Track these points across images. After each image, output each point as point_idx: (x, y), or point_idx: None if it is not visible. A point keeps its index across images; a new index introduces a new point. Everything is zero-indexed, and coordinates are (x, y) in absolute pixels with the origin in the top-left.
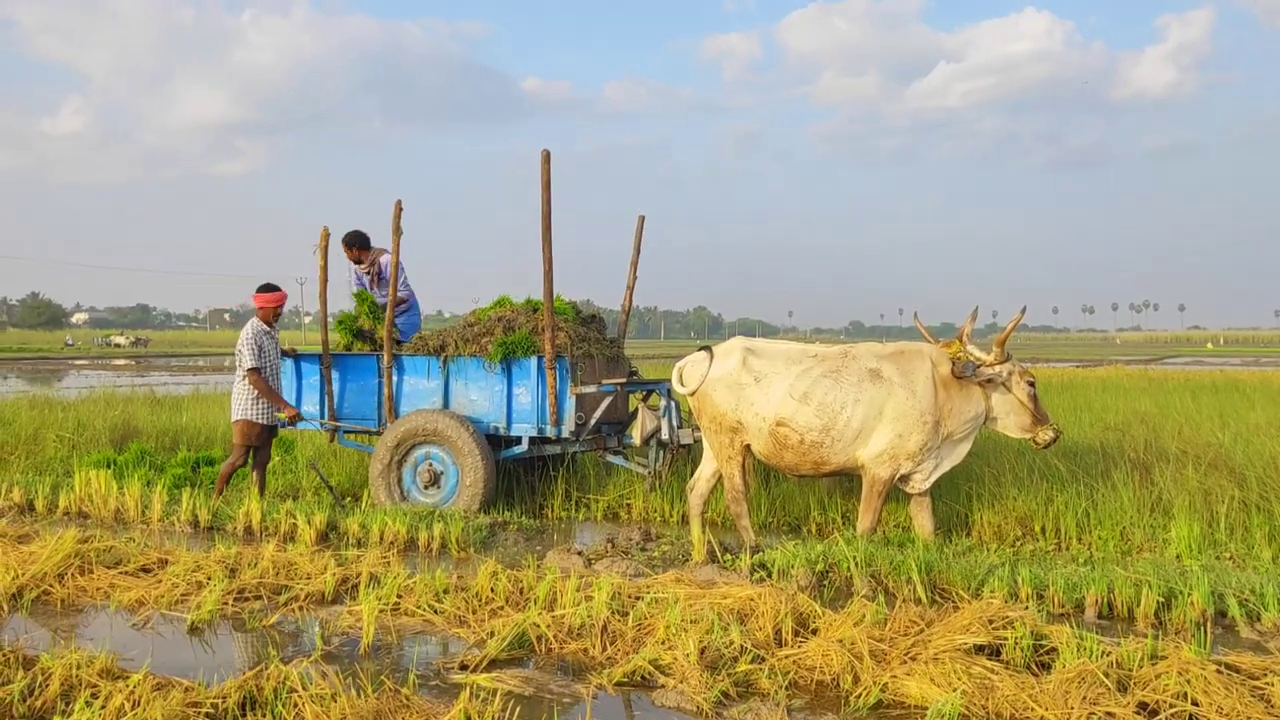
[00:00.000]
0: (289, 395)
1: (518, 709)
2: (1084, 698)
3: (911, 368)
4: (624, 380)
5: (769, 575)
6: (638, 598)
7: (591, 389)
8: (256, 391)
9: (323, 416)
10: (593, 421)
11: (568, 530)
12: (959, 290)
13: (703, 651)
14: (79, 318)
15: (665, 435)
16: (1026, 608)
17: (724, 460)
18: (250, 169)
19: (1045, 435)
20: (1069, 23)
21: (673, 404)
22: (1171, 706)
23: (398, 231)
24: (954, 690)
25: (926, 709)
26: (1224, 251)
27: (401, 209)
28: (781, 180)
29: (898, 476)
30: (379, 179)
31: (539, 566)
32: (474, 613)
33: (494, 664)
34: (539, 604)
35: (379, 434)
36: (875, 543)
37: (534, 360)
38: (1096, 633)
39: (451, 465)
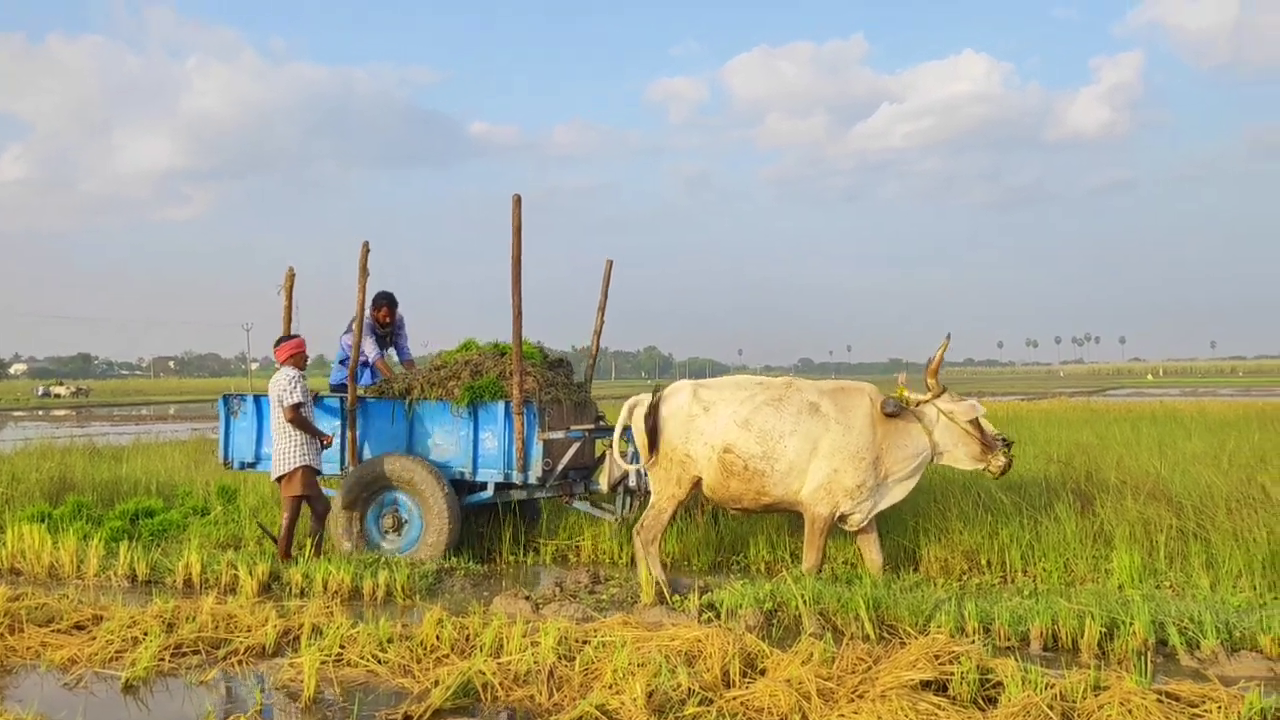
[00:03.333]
0: (250, 438)
1: None
2: None
3: (850, 404)
4: (592, 427)
5: (717, 615)
6: (585, 642)
7: (559, 435)
8: (304, 434)
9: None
10: (560, 467)
11: (516, 575)
12: (906, 327)
13: (650, 695)
14: (18, 368)
15: (633, 481)
16: (973, 642)
17: (665, 496)
18: (197, 215)
19: (997, 462)
20: (1007, 64)
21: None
22: None
23: (364, 273)
24: None
25: None
26: (1161, 285)
27: (368, 250)
28: (730, 220)
29: (837, 514)
30: (330, 224)
31: (485, 612)
32: (419, 661)
33: (438, 714)
34: (485, 651)
35: (341, 478)
36: (823, 580)
37: (501, 405)
38: (1042, 665)
39: (416, 511)
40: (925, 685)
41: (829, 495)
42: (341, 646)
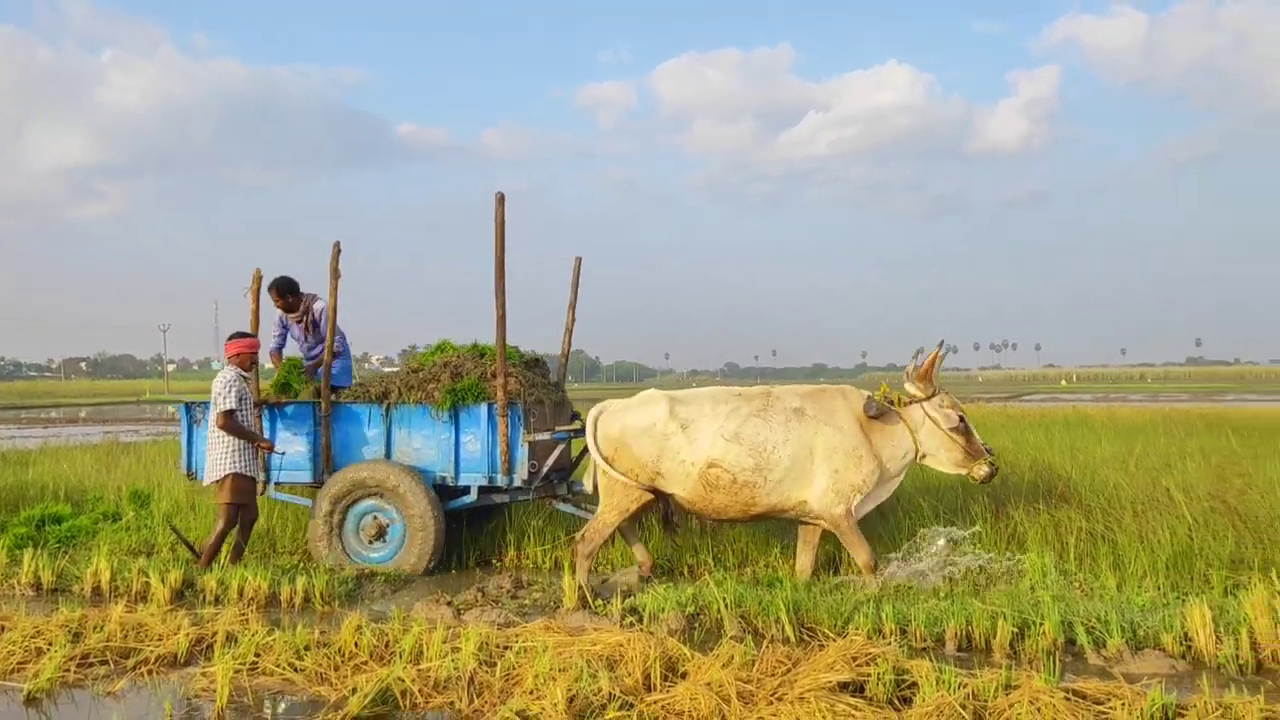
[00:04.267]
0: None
1: None
2: None
3: (831, 406)
4: (578, 427)
5: (640, 620)
6: (507, 647)
7: (545, 436)
8: (238, 441)
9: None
10: (545, 469)
11: (438, 580)
12: (830, 333)
13: (571, 700)
14: None
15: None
16: (890, 643)
17: (614, 509)
18: (113, 212)
19: (981, 470)
20: (929, 75)
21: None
22: None
23: (335, 274)
24: None
25: None
26: (1074, 294)
27: (339, 251)
28: (658, 225)
29: (854, 510)
30: (253, 224)
31: (405, 619)
32: (336, 669)
33: None
34: (404, 658)
35: (314, 486)
36: (744, 583)
37: (484, 407)
38: (956, 665)
39: (398, 518)
40: (843, 687)
41: (839, 495)
42: (257, 655)
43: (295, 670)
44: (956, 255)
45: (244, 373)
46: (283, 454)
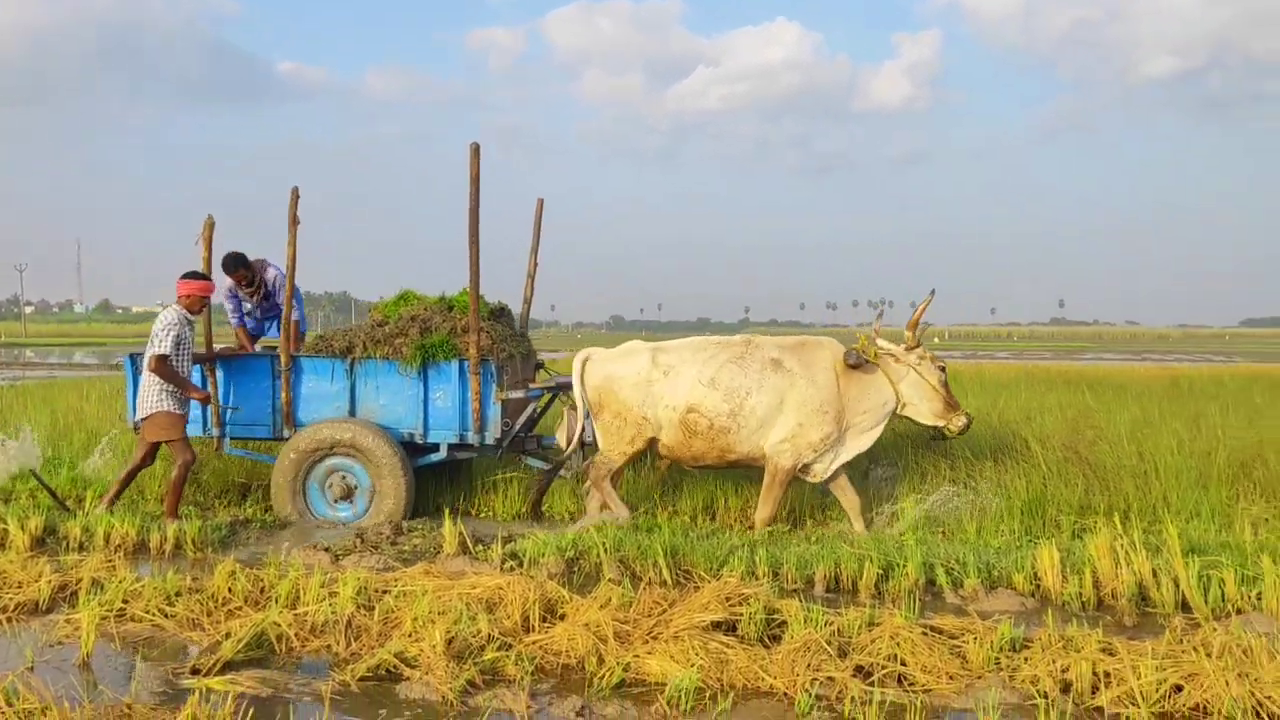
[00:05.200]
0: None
1: (252, 711)
2: (808, 664)
3: (812, 359)
4: (555, 385)
5: (520, 564)
6: (385, 591)
7: (519, 394)
8: (176, 386)
9: (205, 422)
10: (518, 426)
11: (316, 526)
12: (715, 286)
13: (450, 642)
14: None
15: (590, 435)
16: (762, 585)
17: (617, 449)
18: None
19: (958, 421)
20: (817, 34)
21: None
22: (883, 667)
23: (295, 221)
24: (692, 665)
25: (666, 685)
26: (949, 253)
27: (298, 197)
28: (544, 176)
29: (799, 466)
30: (116, 160)
31: (282, 564)
32: (209, 615)
33: (230, 666)
34: (280, 602)
35: (274, 441)
36: (623, 528)
37: (455, 364)
38: (824, 605)
39: (366, 477)
40: (716, 626)
41: (793, 449)
42: (125, 601)
43: (165, 616)
44: (839, 213)
45: (190, 316)
46: (236, 409)
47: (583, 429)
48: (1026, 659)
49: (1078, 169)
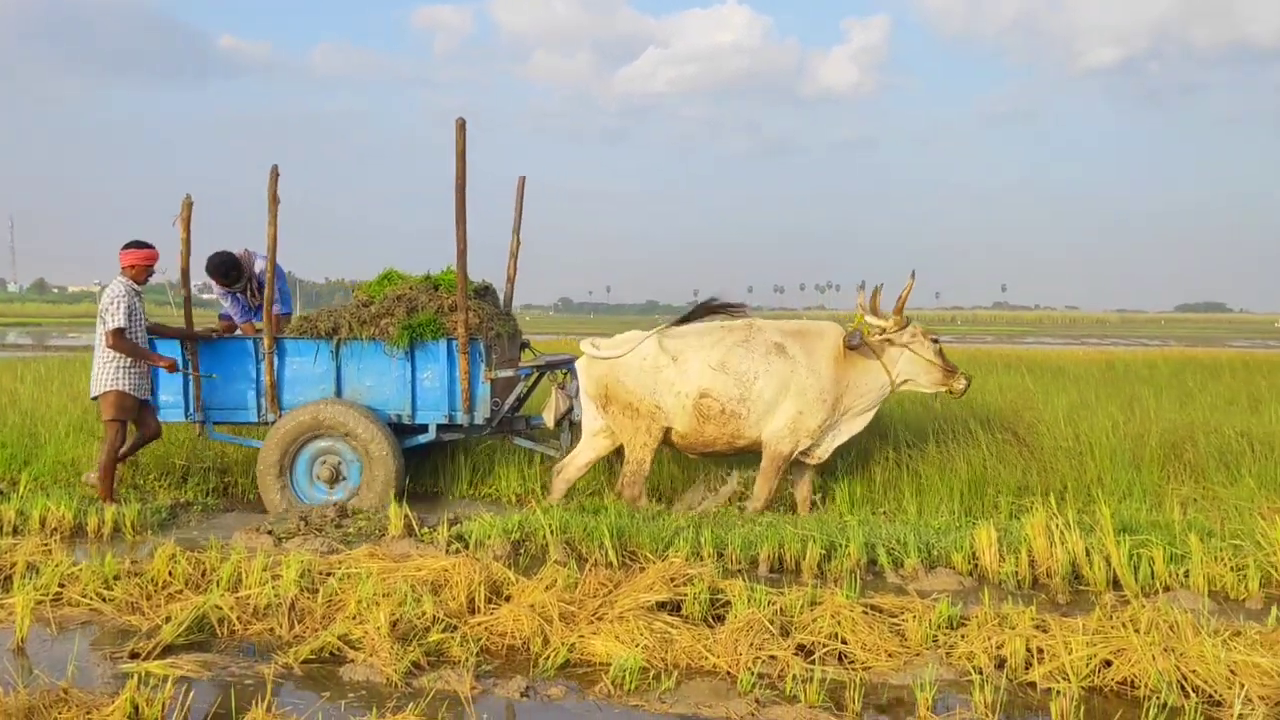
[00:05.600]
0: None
1: (192, 694)
2: (751, 643)
3: (813, 346)
4: (543, 364)
5: (466, 546)
6: (329, 574)
7: (509, 373)
8: (125, 359)
9: (187, 407)
10: (507, 406)
11: (259, 509)
12: (664, 269)
13: (395, 624)
14: None
15: (578, 415)
16: (707, 565)
17: (639, 446)
18: None
19: (959, 384)
20: (767, 18)
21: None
22: (825, 645)
23: (275, 200)
24: (636, 646)
25: (610, 665)
26: (895, 237)
27: (278, 175)
28: (492, 156)
29: (797, 451)
30: (49, 135)
31: (224, 547)
32: (149, 598)
33: (170, 650)
34: (222, 585)
35: (258, 425)
36: (569, 510)
37: (444, 344)
38: (767, 584)
39: (354, 459)
40: (661, 606)
41: (792, 434)
42: (61, 585)
43: (104, 600)
44: (788, 196)
45: (136, 286)
46: (210, 376)
47: (570, 409)
48: (963, 636)
49: (1021, 156)
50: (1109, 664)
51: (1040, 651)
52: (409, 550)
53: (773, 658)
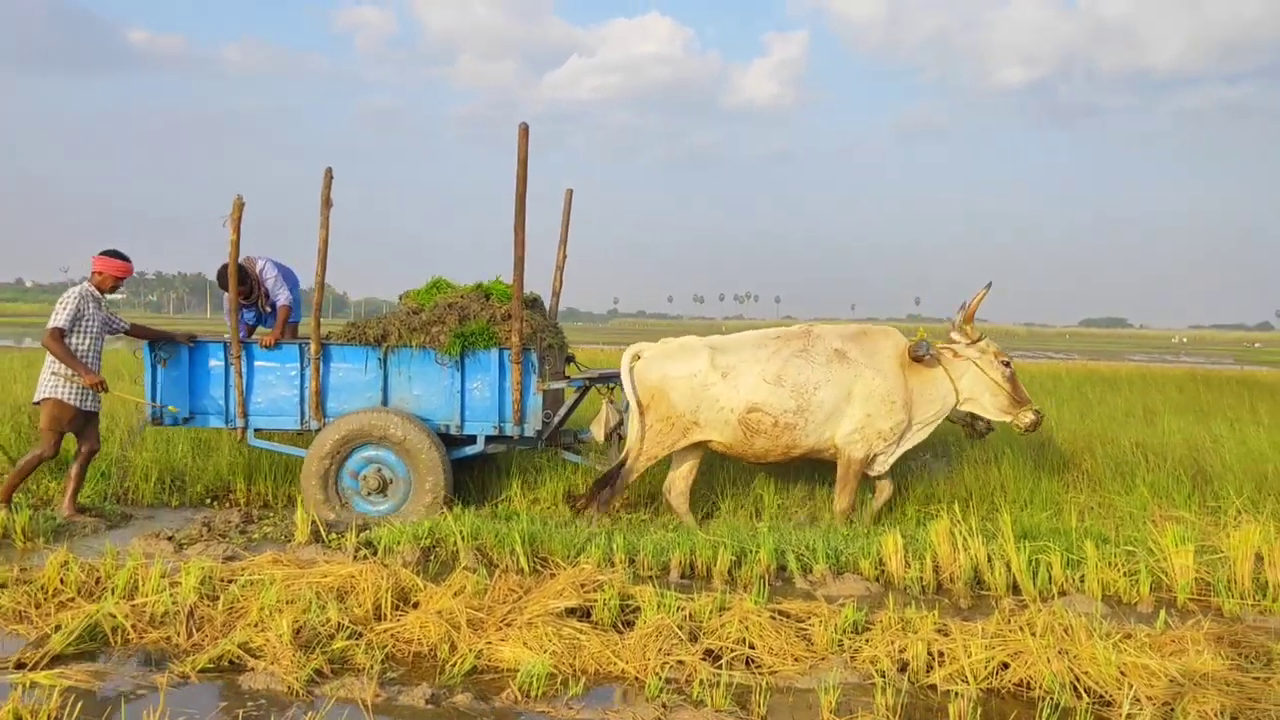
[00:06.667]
0: (181, 388)
1: (80, 704)
2: (660, 649)
3: (876, 348)
4: (596, 377)
5: (375, 553)
6: (231, 581)
7: (562, 384)
8: (67, 366)
9: (228, 413)
10: (558, 419)
11: (161, 516)
12: (586, 279)
13: (298, 631)
14: None
15: (626, 430)
16: (617, 572)
17: (649, 452)
18: None
19: (1026, 417)
20: (689, 30)
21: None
22: (733, 650)
23: (327, 204)
24: (545, 652)
25: (518, 671)
26: (813, 249)
27: (331, 178)
28: (418, 159)
29: (871, 457)
30: None
31: (120, 554)
32: (38, 607)
33: (59, 660)
34: (117, 593)
35: (300, 433)
36: (481, 517)
37: (496, 353)
38: (678, 591)
39: (402, 469)
40: (571, 612)
41: (864, 439)
42: None
43: None
44: (709, 206)
45: (98, 294)
46: (161, 407)
47: (620, 422)
48: (868, 640)
49: (935, 171)
50: (1006, 666)
51: (941, 655)
52: (315, 556)
53: (681, 663)
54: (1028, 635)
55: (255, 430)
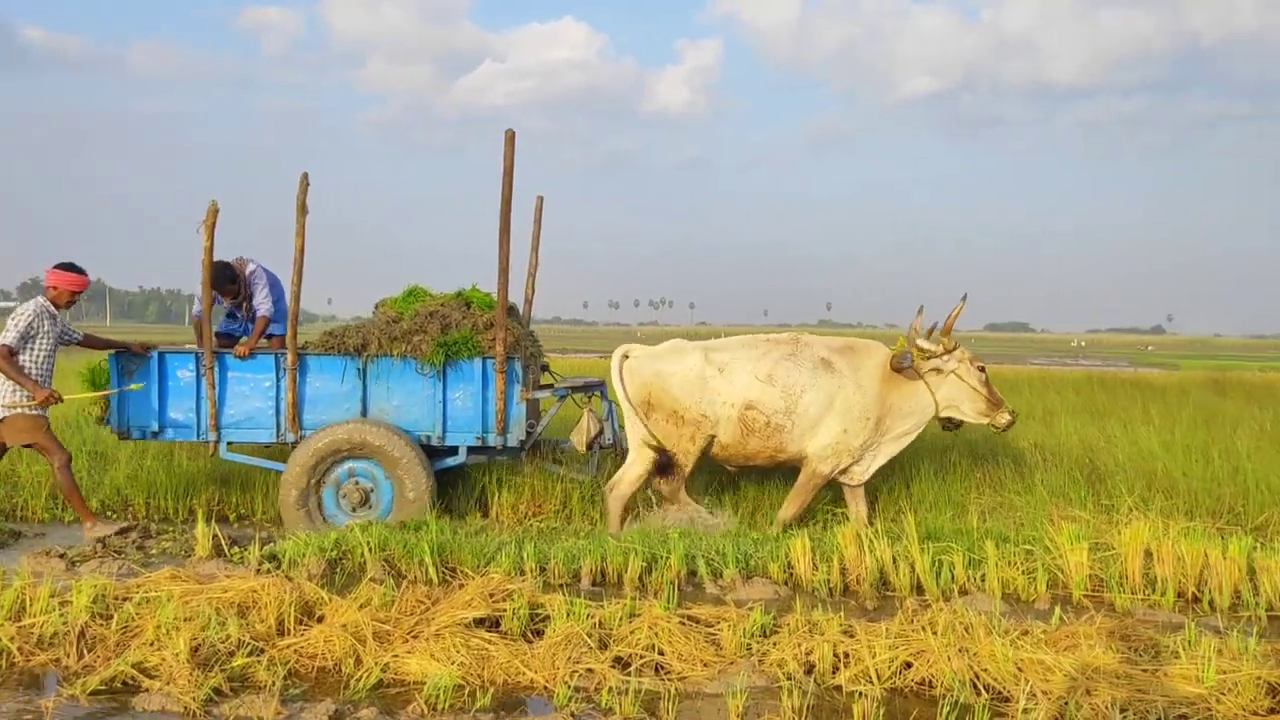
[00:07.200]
0: (149, 400)
1: None
2: (569, 657)
3: (860, 363)
4: (580, 385)
5: (279, 566)
6: (126, 599)
7: (545, 394)
8: (17, 384)
9: (199, 426)
10: (540, 428)
11: (53, 533)
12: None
13: (196, 649)
14: None
15: (607, 439)
16: (527, 580)
17: (683, 453)
18: None
19: (1003, 418)
20: (604, 36)
21: (612, 405)
22: (642, 657)
23: (303, 210)
24: (452, 663)
25: (425, 684)
26: (727, 255)
27: (307, 184)
28: (329, 164)
29: (838, 471)
30: None
31: (5, 573)
32: None
33: None
34: (2, 615)
35: (274, 446)
36: (390, 528)
37: (479, 363)
38: (589, 598)
39: (384, 481)
40: (479, 623)
41: (834, 454)
42: None
43: None
44: (624, 212)
45: (53, 310)
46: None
47: (600, 431)
48: (775, 643)
49: (845, 179)
50: (910, 666)
51: (847, 656)
52: (216, 571)
53: (590, 671)
54: (930, 634)
55: (228, 444)
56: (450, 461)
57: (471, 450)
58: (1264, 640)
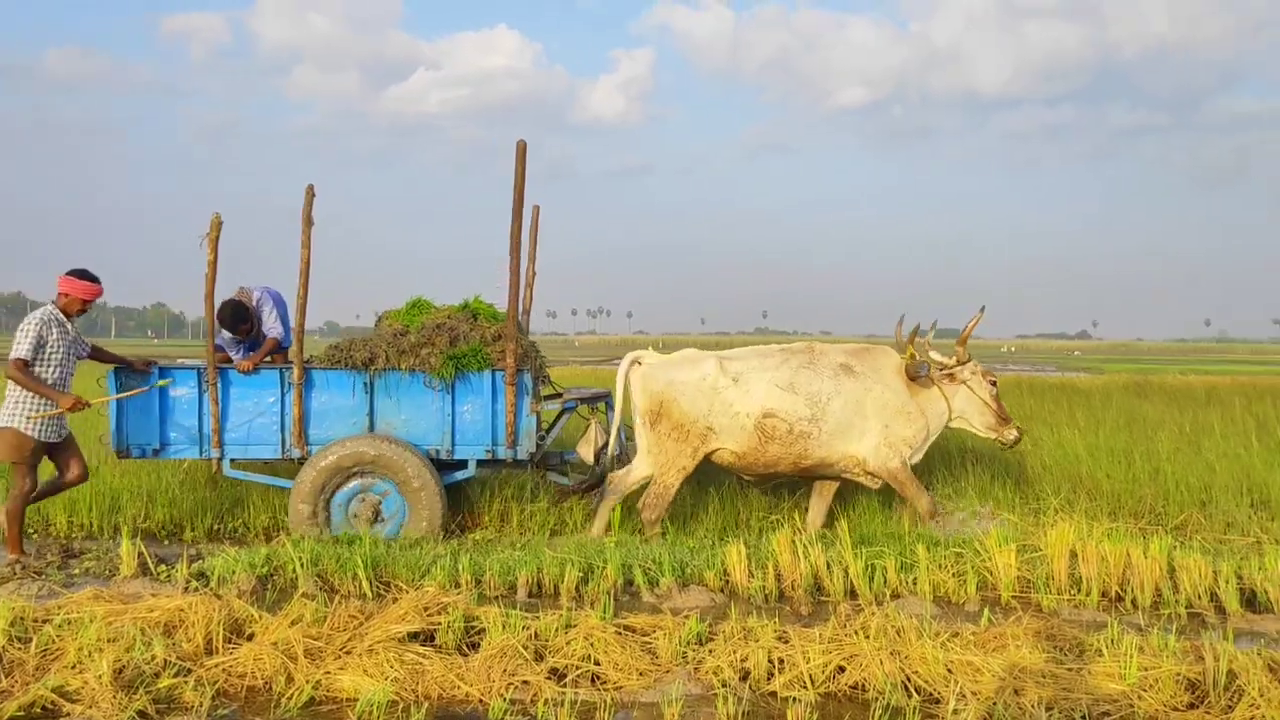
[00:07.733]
0: (150, 418)
1: None
2: (505, 670)
3: (880, 364)
4: (589, 396)
5: (207, 584)
6: (46, 621)
7: (555, 406)
8: (28, 392)
9: (202, 443)
10: (550, 439)
11: None
12: (435, 290)
13: (119, 671)
14: None
15: (618, 448)
16: (462, 593)
17: (673, 469)
18: None
19: (1010, 434)
20: (537, 44)
21: (617, 415)
22: (578, 668)
23: (308, 223)
24: (386, 678)
25: (358, 700)
26: (663, 264)
27: (313, 196)
28: (254, 172)
29: (909, 461)
30: None
31: None
32: None
33: None
34: None
35: (280, 462)
36: (323, 542)
37: (488, 375)
38: (525, 610)
39: (396, 495)
40: (413, 636)
41: (891, 448)
42: None
43: None
44: (557, 221)
45: (63, 318)
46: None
47: (606, 443)
48: (711, 651)
49: (779, 188)
50: (843, 670)
51: (782, 662)
52: (142, 590)
53: (526, 683)
54: (862, 638)
55: (232, 460)
56: (459, 475)
57: (480, 463)
58: (1183, 637)
